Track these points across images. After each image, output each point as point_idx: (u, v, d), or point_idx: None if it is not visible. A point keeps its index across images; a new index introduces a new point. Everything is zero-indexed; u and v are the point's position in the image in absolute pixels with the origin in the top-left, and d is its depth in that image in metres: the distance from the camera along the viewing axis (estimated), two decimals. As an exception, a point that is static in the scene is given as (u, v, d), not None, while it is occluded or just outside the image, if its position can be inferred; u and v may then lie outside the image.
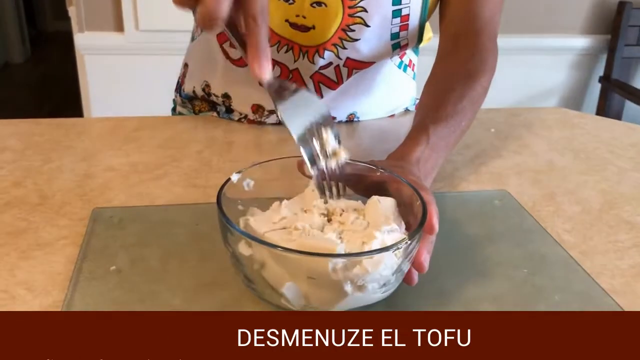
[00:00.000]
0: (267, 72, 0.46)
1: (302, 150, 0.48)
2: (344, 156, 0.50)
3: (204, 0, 0.42)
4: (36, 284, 0.49)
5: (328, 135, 0.50)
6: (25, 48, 4.16)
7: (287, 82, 0.50)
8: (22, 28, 4.10)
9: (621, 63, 2.25)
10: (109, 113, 1.36)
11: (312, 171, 0.49)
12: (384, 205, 0.48)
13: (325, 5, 0.72)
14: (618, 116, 2.31)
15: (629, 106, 2.30)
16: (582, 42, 2.27)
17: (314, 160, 0.49)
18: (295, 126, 0.49)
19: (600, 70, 2.32)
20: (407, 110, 0.93)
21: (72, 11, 1.94)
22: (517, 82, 2.20)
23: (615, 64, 2.24)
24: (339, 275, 0.42)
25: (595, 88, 2.34)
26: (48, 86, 3.64)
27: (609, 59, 2.26)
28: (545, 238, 0.59)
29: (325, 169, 0.50)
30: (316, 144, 0.49)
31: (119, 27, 1.90)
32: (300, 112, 0.49)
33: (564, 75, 2.33)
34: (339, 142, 0.51)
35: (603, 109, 2.28)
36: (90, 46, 1.92)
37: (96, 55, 1.94)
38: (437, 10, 0.79)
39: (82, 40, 1.92)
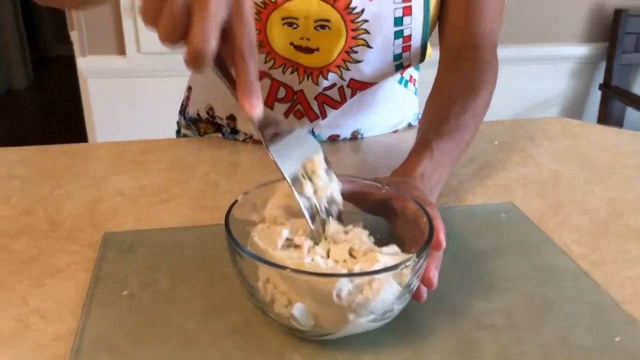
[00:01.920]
0: (257, 109, 0.44)
1: (296, 197, 0.47)
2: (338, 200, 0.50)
3: (190, 38, 0.40)
4: (49, 312, 0.49)
5: (323, 175, 0.49)
6: (28, 73, 4.19)
7: (278, 121, 0.48)
8: (25, 53, 4.13)
9: (620, 70, 2.26)
10: (112, 136, 1.37)
11: (310, 224, 0.47)
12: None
13: (329, 28, 0.73)
14: (619, 123, 2.32)
15: (630, 113, 2.31)
16: (580, 50, 2.28)
17: (309, 208, 0.48)
18: (288, 167, 0.47)
19: (600, 78, 2.33)
20: (410, 126, 0.93)
21: (74, 35, 1.96)
22: (518, 92, 2.21)
23: (614, 71, 2.25)
24: (342, 301, 0.41)
25: (596, 96, 2.35)
26: (52, 110, 3.67)
27: (608, 66, 2.27)
28: (554, 249, 0.59)
29: (318, 208, 0.48)
30: (310, 186, 0.48)
31: (121, 50, 1.92)
32: (293, 153, 0.48)
33: (564, 84, 2.34)
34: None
35: (604, 117, 2.28)
36: (93, 70, 1.94)
37: (99, 78, 1.95)
38: (436, 25, 0.80)
39: (85, 63, 1.94)
